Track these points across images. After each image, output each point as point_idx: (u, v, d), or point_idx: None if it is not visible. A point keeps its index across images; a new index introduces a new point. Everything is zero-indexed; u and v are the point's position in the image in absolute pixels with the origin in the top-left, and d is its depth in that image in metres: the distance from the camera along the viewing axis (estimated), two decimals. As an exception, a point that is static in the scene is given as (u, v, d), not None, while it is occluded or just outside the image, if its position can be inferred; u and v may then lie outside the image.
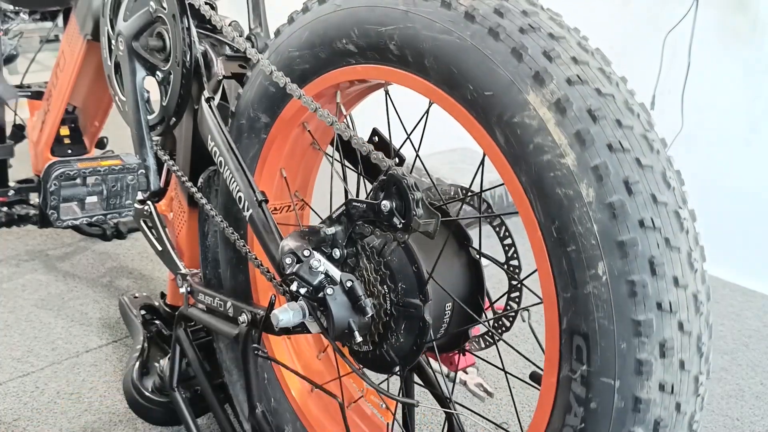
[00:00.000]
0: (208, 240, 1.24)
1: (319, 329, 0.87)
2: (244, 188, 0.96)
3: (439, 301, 0.87)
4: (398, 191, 0.75)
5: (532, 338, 1.79)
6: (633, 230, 0.63)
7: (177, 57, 1.14)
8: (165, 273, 1.99)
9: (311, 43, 0.91)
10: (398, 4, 0.79)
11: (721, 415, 1.61)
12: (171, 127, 1.23)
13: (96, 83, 1.75)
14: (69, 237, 2.28)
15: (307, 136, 1.07)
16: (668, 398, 0.64)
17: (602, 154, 0.64)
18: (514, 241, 0.95)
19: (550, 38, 0.70)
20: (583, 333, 0.65)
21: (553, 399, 0.71)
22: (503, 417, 1.49)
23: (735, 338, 1.98)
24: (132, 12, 1.21)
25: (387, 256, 0.84)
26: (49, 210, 1.30)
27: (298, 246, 0.82)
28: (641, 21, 2.48)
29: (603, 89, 0.67)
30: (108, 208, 1.37)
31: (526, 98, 0.67)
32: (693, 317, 0.65)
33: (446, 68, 0.74)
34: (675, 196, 0.66)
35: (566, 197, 0.65)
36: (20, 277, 2.01)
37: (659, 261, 0.63)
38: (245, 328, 1.05)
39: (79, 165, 1.32)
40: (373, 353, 0.89)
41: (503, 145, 0.70)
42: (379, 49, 0.82)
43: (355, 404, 1.18)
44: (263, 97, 1.03)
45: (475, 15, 0.72)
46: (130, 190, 1.38)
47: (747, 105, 2.26)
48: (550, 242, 0.67)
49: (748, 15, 2.23)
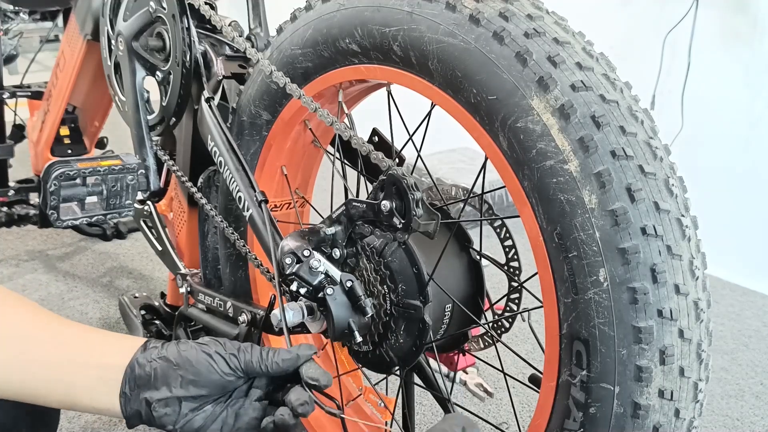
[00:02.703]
0: (208, 240, 1.24)
1: (319, 329, 0.87)
2: (244, 188, 0.96)
3: (439, 302, 0.87)
4: (398, 191, 0.75)
5: (532, 338, 1.79)
6: (635, 237, 0.63)
7: (177, 57, 1.14)
8: (165, 273, 1.99)
9: (314, 41, 0.91)
10: (403, 6, 0.78)
11: (721, 415, 1.61)
12: (171, 127, 1.23)
13: (96, 83, 1.75)
14: (69, 237, 2.28)
15: (309, 133, 1.07)
16: (667, 404, 0.64)
17: (605, 160, 0.64)
18: (514, 243, 0.95)
19: (554, 43, 0.69)
20: (584, 338, 0.65)
21: (552, 403, 0.71)
22: (503, 417, 1.49)
23: (735, 338, 1.98)
24: (132, 12, 1.21)
25: (387, 257, 0.84)
26: (49, 210, 1.30)
27: (298, 246, 0.82)
28: (641, 21, 2.48)
29: (607, 95, 0.67)
30: (108, 208, 1.37)
31: (530, 103, 0.67)
32: (693, 324, 0.65)
33: (450, 71, 0.74)
34: (677, 203, 0.66)
35: (568, 203, 0.65)
36: (20, 277, 2.01)
37: (661, 268, 0.63)
38: (245, 328, 1.05)
39: (79, 165, 1.32)
40: (373, 353, 0.89)
41: (506, 149, 0.70)
42: (383, 50, 0.82)
43: (353, 403, 1.18)
44: (264, 94, 1.03)
45: (480, 18, 0.72)
46: (130, 190, 1.38)
47: (747, 105, 2.26)
48: (552, 247, 0.67)
49: (748, 15, 2.23)
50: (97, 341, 0.68)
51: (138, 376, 0.64)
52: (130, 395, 0.64)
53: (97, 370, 0.65)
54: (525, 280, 0.90)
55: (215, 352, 0.65)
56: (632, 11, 2.51)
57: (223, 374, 0.65)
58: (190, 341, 0.67)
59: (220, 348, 0.66)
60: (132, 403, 0.64)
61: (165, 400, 0.64)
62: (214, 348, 0.66)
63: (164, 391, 0.64)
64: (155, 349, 0.66)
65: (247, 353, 0.66)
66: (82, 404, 0.66)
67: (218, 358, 0.65)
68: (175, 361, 0.64)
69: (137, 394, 0.64)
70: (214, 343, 0.66)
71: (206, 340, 0.67)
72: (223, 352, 0.65)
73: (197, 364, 0.64)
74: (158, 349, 0.66)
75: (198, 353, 0.65)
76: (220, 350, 0.65)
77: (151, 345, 0.67)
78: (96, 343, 0.68)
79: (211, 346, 0.66)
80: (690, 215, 0.68)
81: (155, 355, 0.65)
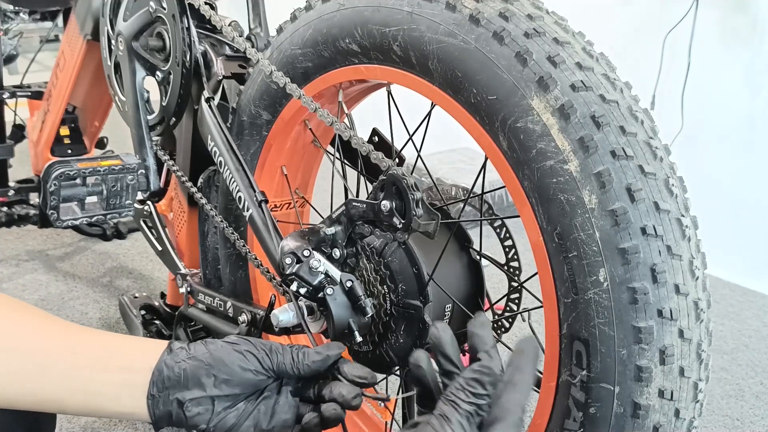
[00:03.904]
0: (208, 240, 1.24)
1: (319, 329, 0.87)
2: (244, 188, 0.96)
3: (439, 302, 0.87)
4: (398, 191, 0.75)
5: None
6: (635, 237, 0.63)
7: (177, 57, 1.14)
8: (165, 273, 1.99)
9: (314, 41, 0.91)
10: (403, 6, 0.78)
11: (721, 415, 1.61)
12: (171, 127, 1.23)
13: (96, 83, 1.75)
14: (69, 237, 2.28)
15: (309, 133, 1.07)
16: (667, 404, 0.64)
17: (605, 160, 0.64)
18: (514, 243, 0.95)
19: (554, 43, 0.69)
20: (584, 338, 0.65)
21: (552, 403, 0.71)
22: (503, 417, 1.49)
23: (735, 338, 1.98)
24: (132, 12, 1.21)
25: (387, 257, 0.84)
26: (49, 210, 1.30)
27: (298, 246, 0.82)
28: (641, 21, 2.48)
29: (607, 95, 0.67)
30: (108, 208, 1.37)
31: (530, 103, 0.67)
32: (693, 324, 0.65)
33: (450, 71, 0.74)
34: (677, 203, 0.66)
35: (568, 203, 0.65)
36: (20, 277, 2.01)
37: (661, 268, 0.62)
38: (245, 328, 1.05)
39: (79, 165, 1.32)
40: (373, 353, 0.89)
41: (506, 149, 0.70)
42: (383, 50, 0.82)
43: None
44: (264, 94, 1.03)
45: (480, 18, 0.72)
46: (130, 190, 1.38)
47: (747, 105, 2.26)
48: (552, 247, 0.67)
49: (748, 15, 2.23)
50: (116, 346, 0.68)
51: (167, 377, 0.64)
52: (159, 396, 0.64)
53: (120, 374, 0.65)
54: (525, 280, 0.89)
55: (247, 351, 0.65)
56: (632, 11, 2.51)
57: (256, 373, 0.65)
58: (218, 341, 0.67)
59: (252, 347, 0.66)
60: (161, 404, 0.64)
61: (198, 399, 0.64)
62: (246, 347, 0.66)
63: (197, 391, 0.64)
64: (183, 351, 0.66)
65: (279, 355, 0.66)
66: (105, 410, 0.66)
67: (251, 357, 0.65)
68: (207, 362, 0.64)
69: (167, 395, 0.64)
70: (245, 342, 0.66)
71: (235, 339, 0.67)
72: (255, 352, 0.66)
73: (231, 364, 0.64)
74: (186, 350, 0.66)
75: (231, 353, 0.65)
76: (253, 350, 0.66)
77: (177, 346, 0.67)
78: (115, 348, 0.67)
79: (242, 345, 0.66)
80: (690, 215, 0.68)
81: (184, 356, 0.65)
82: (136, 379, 0.65)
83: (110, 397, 0.65)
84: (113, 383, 0.64)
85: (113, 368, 0.65)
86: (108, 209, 1.36)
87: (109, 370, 0.65)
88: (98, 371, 0.65)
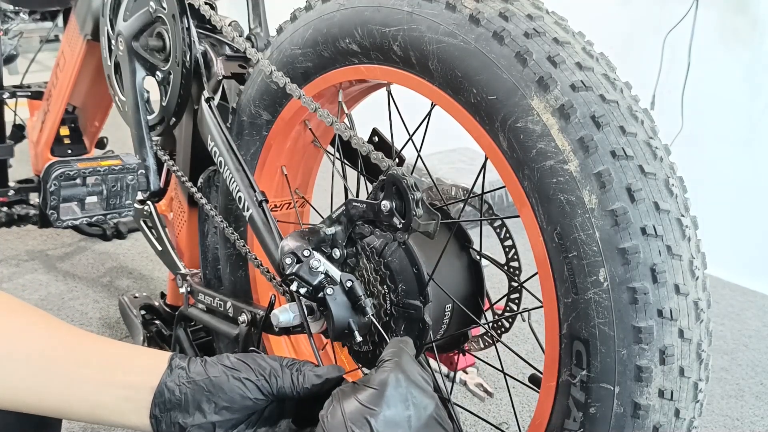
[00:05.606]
0: (208, 240, 1.24)
1: (319, 329, 0.87)
2: (244, 188, 0.96)
3: (439, 302, 0.87)
4: (398, 191, 0.75)
5: (532, 338, 1.79)
6: (635, 237, 0.63)
7: (177, 57, 1.14)
8: (165, 273, 1.99)
9: (314, 41, 0.91)
10: (403, 6, 0.78)
11: (721, 415, 1.61)
12: (171, 127, 1.23)
13: (96, 83, 1.75)
14: (69, 237, 2.28)
15: (309, 133, 1.07)
16: (667, 404, 0.64)
17: (605, 160, 0.64)
18: (514, 243, 0.95)
19: (554, 43, 0.69)
20: (584, 338, 0.65)
21: (552, 403, 0.71)
22: (503, 417, 1.49)
23: (735, 338, 1.98)
24: (132, 12, 1.21)
25: (387, 257, 0.84)
26: (49, 210, 1.29)
27: (298, 246, 0.82)
28: (641, 21, 2.48)
29: (607, 95, 0.67)
30: (108, 208, 1.37)
31: (530, 103, 0.67)
32: (693, 324, 0.65)
33: (450, 71, 0.74)
34: (677, 203, 0.66)
35: (568, 203, 0.65)
36: (20, 277, 2.01)
37: (661, 268, 0.63)
38: (245, 328, 1.05)
39: (79, 165, 1.32)
40: (373, 353, 0.89)
41: (506, 149, 0.70)
42: (383, 50, 0.82)
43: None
44: (264, 94, 1.03)
45: (480, 18, 0.72)
46: (130, 190, 1.38)
47: (747, 105, 2.26)
48: (552, 247, 0.67)
49: (748, 15, 2.23)
50: (118, 357, 0.68)
51: (168, 400, 0.65)
52: (161, 417, 0.65)
53: (122, 390, 0.65)
54: (525, 280, 0.89)
55: (246, 378, 0.66)
56: (632, 11, 2.51)
57: (255, 400, 0.66)
58: (218, 363, 0.67)
59: (251, 374, 0.66)
60: (164, 425, 0.65)
61: (199, 425, 0.65)
62: (245, 374, 0.66)
63: (198, 417, 0.65)
64: (182, 371, 0.66)
65: (278, 378, 0.66)
66: (109, 421, 0.66)
67: (250, 384, 0.65)
68: (206, 387, 0.65)
69: (168, 417, 0.65)
70: (244, 368, 0.67)
71: (234, 363, 0.67)
72: (254, 379, 0.66)
73: (230, 392, 0.65)
74: (185, 371, 0.66)
75: (229, 380, 0.65)
76: (251, 376, 0.66)
77: (177, 365, 0.67)
78: (117, 361, 0.68)
79: (241, 372, 0.66)
80: (690, 215, 0.68)
81: (184, 378, 0.65)
82: (138, 396, 0.65)
83: (114, 411, 0.65)
84: (117, 397, 0.65)
85: (117, 384, 0.66)
86: (108, 209, 1.36)
87: (112, 384, 0.65)
88: (102, 384, 0.65)
